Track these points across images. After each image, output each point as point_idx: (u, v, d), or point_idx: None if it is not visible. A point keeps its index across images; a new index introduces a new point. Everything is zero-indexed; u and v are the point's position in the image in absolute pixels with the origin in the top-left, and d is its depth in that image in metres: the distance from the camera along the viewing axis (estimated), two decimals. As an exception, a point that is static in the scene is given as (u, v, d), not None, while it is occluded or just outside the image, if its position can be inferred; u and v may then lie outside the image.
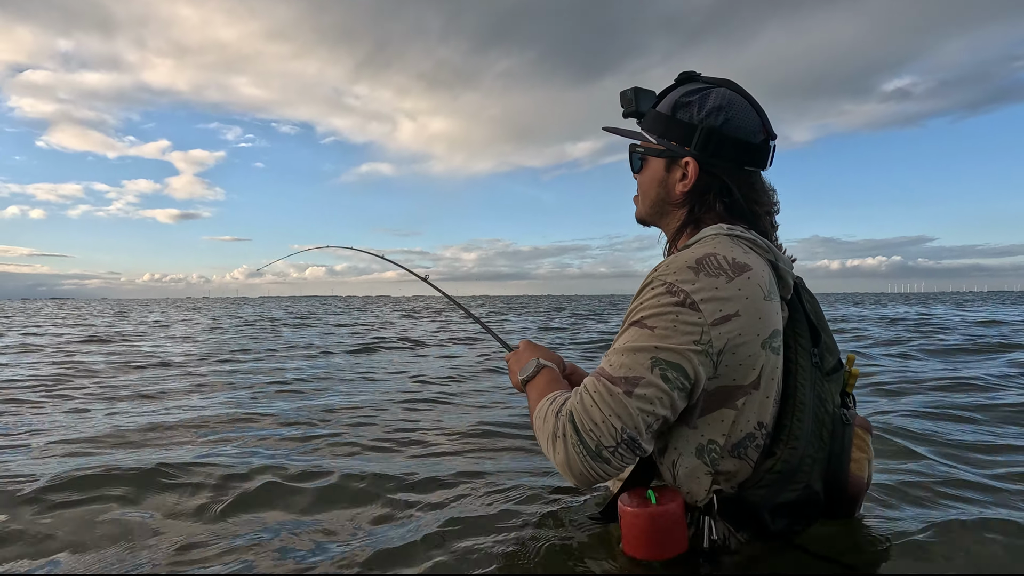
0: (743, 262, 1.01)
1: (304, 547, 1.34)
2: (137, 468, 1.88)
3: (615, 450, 0.94)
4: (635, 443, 0.94)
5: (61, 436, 2.46)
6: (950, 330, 8.12)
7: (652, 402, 0.94)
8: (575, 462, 0.96)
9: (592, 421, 0.95)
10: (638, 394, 0.94)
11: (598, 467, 0.95)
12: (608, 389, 0.95)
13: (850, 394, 1.18)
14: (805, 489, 1.01)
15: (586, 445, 0.94)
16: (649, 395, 0.94)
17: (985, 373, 3.93)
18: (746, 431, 1.02)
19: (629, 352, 0.97)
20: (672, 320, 0.96)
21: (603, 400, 0.95)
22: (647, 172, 1.19)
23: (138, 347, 7.09)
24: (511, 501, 1.56)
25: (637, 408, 0.94)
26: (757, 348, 0.99)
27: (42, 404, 3.31)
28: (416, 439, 2.41)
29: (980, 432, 2.35)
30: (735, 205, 1.11)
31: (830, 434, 1.06)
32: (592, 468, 0.95)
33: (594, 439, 0.94)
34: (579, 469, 0.96)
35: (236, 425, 2.69)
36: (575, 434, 0.96)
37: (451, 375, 4.49)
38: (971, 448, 2.09)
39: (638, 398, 0.94)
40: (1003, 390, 3.34)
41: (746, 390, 1.00)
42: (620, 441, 0.93)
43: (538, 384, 1.18)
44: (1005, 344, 5.89)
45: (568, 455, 0.96)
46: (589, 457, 0.95)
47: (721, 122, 1.08)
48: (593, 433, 0.94)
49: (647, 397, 0.94)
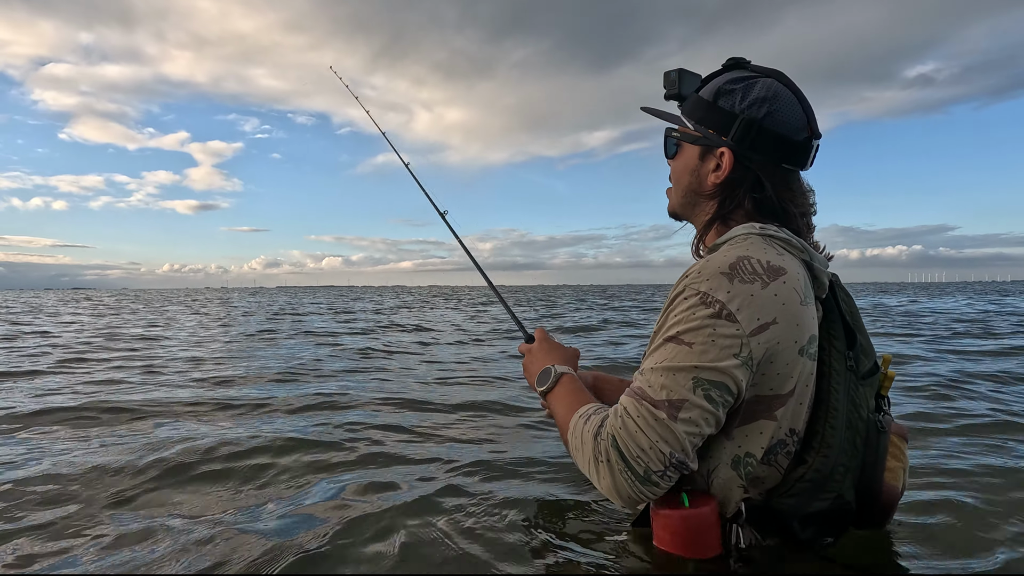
0: (778, 265, 0.97)
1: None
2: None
3: (663, 473, 0.93)
4: (683, 465, 0.93)
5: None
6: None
7: (698, 424, 0.93)
8: (623, 488, 0.94)
9: (639, 447, 0.93)
10: (683, 418, 0.92)
11: (647, 490, 0.94)
12: (652, 414, 0.93)
13: (885, 397, 1.15)
14: (836, 499, 0.98)
15: (634, 471, 0.93)
16: (694, 417, 0.92)
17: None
18: (778, 438, 0.99)
19: (668, 372, 0.94)
20: (710, 334, 0.93)
21: (648, 426, 0.93)
22: (681, 159, 1.15)
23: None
24: (538, 494, 1.54)
25: (684, 432, 0.92)
26: (795, 356, 0.97)
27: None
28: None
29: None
30: (766, 202, 1.06)
31: (864, 442, 1.02)
32: (640, 492, 0.94)
33: (642, 465, 0.93)
34: (627, 493, 0.95)
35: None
36: (621, 460, 0.94)
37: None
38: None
39: (683, 422, 0.92)
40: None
41: (783, 399, 0.98)
42: (669, 465, 0.92)
43: (560, 395, 1.16)
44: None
45: (615, 481, 0.95)
46: (638, 482, 0.93)
47: (763, 114, 1.04)
48: (641, 460, 0.93)
49: (693, 420, 0.92)
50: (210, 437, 2.23)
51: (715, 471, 1.01)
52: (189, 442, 2.16)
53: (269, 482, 1.80)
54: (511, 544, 1.25)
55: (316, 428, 2.46)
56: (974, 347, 5.29)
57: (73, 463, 1.94)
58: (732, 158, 1.06)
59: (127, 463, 1.93)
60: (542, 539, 1.28)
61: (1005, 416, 2.52)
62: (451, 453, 2.07)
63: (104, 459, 1.98)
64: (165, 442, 2.19)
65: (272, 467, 1.92)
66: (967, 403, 2.85)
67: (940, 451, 2.00)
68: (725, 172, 1.07)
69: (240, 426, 2.52)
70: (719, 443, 1.00)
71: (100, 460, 1.97)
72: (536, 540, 1.27)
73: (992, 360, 4.40)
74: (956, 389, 3.20)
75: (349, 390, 3.40)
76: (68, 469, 1.88)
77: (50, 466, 1.91)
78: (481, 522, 1.38)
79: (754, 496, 1.01)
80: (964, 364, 4.17)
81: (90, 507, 1.58)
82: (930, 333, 6.67)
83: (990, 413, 2.60)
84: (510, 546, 1.24)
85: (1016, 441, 2.14)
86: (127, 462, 1.94)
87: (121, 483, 1.77)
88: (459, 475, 1.79)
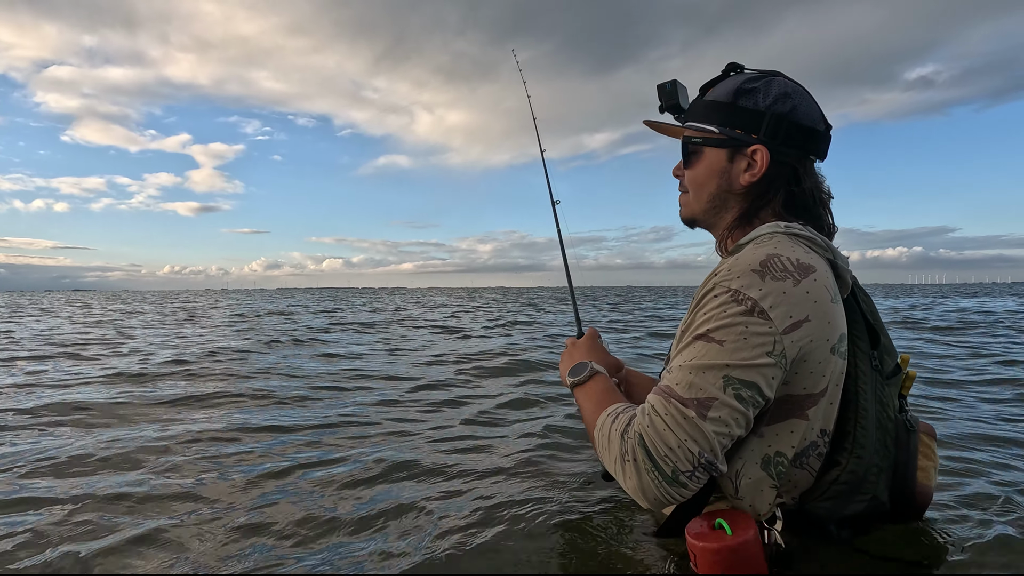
0: (807, 263, 0.96)
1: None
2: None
3: (692, 474, 0.90)
4: (712, 466, 0.90)
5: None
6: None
7: (727, 424, 0.90)
8: (650, 488, 0.92)
9: (667, 446, 0.90)
10: (712, 417, 0.89)
11: (674, 491, 0.91)
12: (681, 412, 0.90)
13: (905, 396, 1.13)
14: (872, 501, 0.96)
15: (661, 471, 0.90)
16: (724, 417, 0.90)
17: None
18: (810, 440, 0.97)
19: (698, 370, 0.92)
20: (741, 332, 0.90)
21: (677, 424, 0.90)
22: (702, 164, 1.12)
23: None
24: (561, 503, 1.51)
25: (713, 432, 0.89)
26: (827, 354, 0.95)
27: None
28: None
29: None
30: (802, 196, 1.06)
31: (895, 442, 1.01)
32: (668, 493, 0.91)
33: (670, 465, 0.90)
34: (654, 494, 0.92)
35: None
36: (648, 460, 0.91)
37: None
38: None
39: (713, 421, 0.89)
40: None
41: (815, 399, 0.96)
42: (697, 465, 0.89)
43: (591, 392, 1.13)
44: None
45: (642, 481, 0.92)
46: (665, 483, 0.90)
47: (789, 109, 1.04)
48: (669, 459, 0.90)
49: (722, 419, 0.90)
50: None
51: (743, 470, 0.98)
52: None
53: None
54: (518, 560, 1.21)
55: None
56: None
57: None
58: (767, 154, 1.05)
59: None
60: (556, 554, 1.23)
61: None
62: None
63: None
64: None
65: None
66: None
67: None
68: (762, 169, 1.06)
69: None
70: (749, 442, 0.98)
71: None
72: (553, 557, 1.22)
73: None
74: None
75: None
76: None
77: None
78: (492, 532, 1.35)
79: (787, 501, 0.99)
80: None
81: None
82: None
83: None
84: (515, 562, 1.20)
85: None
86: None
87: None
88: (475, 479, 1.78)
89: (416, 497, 1.59)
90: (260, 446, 2.19)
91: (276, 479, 1.78)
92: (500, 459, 1.95)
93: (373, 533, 1.37)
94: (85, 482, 1.76)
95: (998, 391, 3.21)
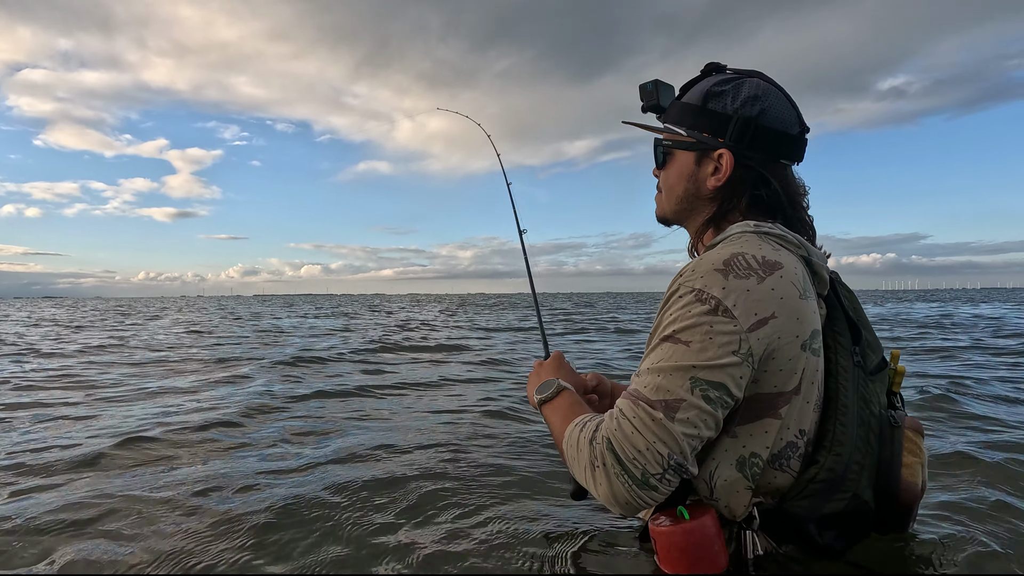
0: (774, 259, 0.96)
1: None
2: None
3: (662, 476, 0.90)
4: (682, 467, 0.90)
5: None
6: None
7: (696, 425, 0.90)
8: (620, 492, 0.91)
9: (635, 449, 0.90)
10: (680, 418, 0.89)
11: (645, 495, 0.91)
12: (649, 414, 0.90)
13: (897, 393, 1.13)
14: (853, 499, 0.95)
15: (631, 475, 0.90)
16: (692, 418, 0.90)
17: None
18: (787, 440, 0.97)
19: (665, 372, 0.92)
20: (706, 331, 0.91)
21: (645, 426, 0.90)
22: (673, 167, 1.15)
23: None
24: (537, 517, 1.48)
25: (682, 433, 0.89)
26: (797, 351, 0.95)
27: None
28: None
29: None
30: (772, 198, 1.06)
31: (878, 438, 1.00)
32: (639, 497, 0.91)
33: (639, 467, 0.89)
34: (625, 498, 0.92)
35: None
36: (617, 464, 0.91)
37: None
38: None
39: (681, 422, 0.89)
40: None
41: (787, 397, 0.95)
42: (667, 467, 0.89)
43: (558, 407, 1.13)
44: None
45: (612, 485, 0.91)
46: (635, 486, 0.90)
47: (757, 112, 1.05)
48: (638, 462, 0.89)
49: (690, 421, 0.90)
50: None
51: (717, 471, 0.98)
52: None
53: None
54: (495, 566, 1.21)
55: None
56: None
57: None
58: (732, 158, 1.06)
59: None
60: (535, 561, 1.23)
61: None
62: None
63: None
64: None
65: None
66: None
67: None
68: (726, 173, 1.07)
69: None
70: (722, 443, 0.98)
71: None
72: (529, 562, 1.22)
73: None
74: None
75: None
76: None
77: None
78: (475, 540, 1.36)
79: (767, 502, 0.98)
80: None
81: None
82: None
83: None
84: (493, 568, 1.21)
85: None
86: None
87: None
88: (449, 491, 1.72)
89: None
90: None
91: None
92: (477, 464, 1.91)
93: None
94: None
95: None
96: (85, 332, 10.15)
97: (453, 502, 1.60)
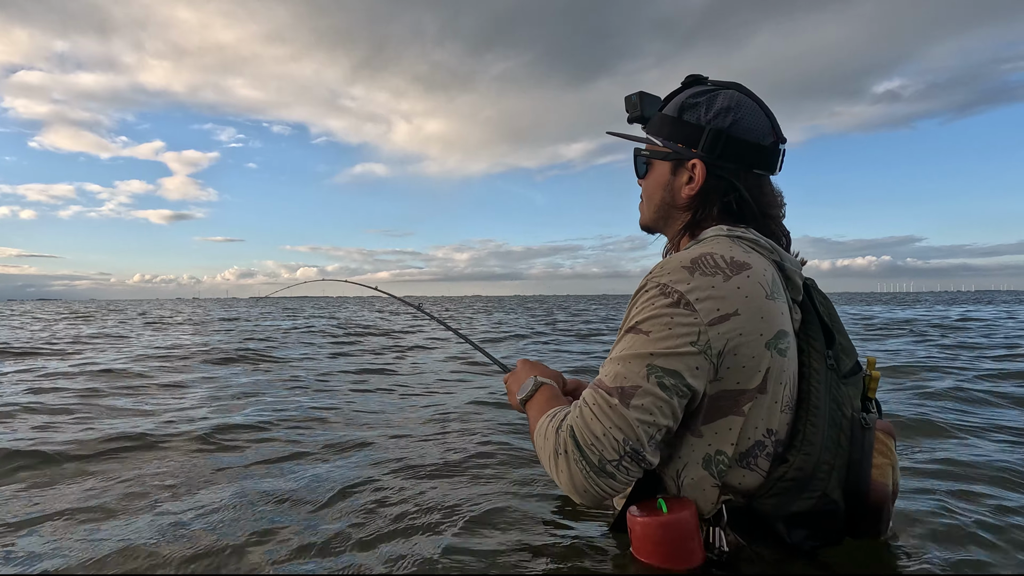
0: (742, 260, 0.98)
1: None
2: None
3: (619, 463, 0.91)
4: (639, 455, 0.91)
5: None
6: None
7: (651, 412, 0.91)
8: (579, 479, 0.93)
9: (593, 435, 0.92)
10: (635, 404, 0.91)
11: (603, 483, 0.92)
12: (606, 400, 0.93)
13: (872, 399, 1.14)
14: (821, 498, 0.96)
15: (589, 460, 0.91)
16: (647, 404, 0.91)
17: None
18: (754, 439, 0.98)
19: (624, 360, 0.95)
20: (667, 322, 0.93)
21: (602, 412, 0.92)
22: (652, 176, 1.18)
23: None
24: (515, 516, 1.47)
25: (637, 419, 0.91)
26: (761, 348, 0.96)
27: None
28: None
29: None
30: (743, 206, 1.08)
31: (848, 439, 1.02)
32: (596, 484, 0.92)
33: (596, 453, 0.91)
34: (583, 486, 0.93)
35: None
36: (576, 450, 0.93)
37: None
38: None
39: (636, 408, 0.91)
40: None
41: (751, 394, 0.97)
42: (623, 454, 0.90)
43: (538, 402, 1.15)
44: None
45: (571, 472, 0.93)
46: (593, 473, 0.92)
47: (729, 123, 1.07)
48: (595, 447, 0.91)
49: (645, 407, 0.91)
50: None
51: (684, 471, 1.00)
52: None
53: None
54: (468, 551, 1.23)
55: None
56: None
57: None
58: (704, 168, 1.08)
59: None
60: (508, 549, 1.24)
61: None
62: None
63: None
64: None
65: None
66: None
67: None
68: (699, 183, 1.09)
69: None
70: (687, 441, 1.00)
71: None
72: (502, 550, 1.24)
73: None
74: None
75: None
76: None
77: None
78: (428, 524, 1.36)
79: (736, 500, 1.00)
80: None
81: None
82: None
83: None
84: (467, 553, 1.22)
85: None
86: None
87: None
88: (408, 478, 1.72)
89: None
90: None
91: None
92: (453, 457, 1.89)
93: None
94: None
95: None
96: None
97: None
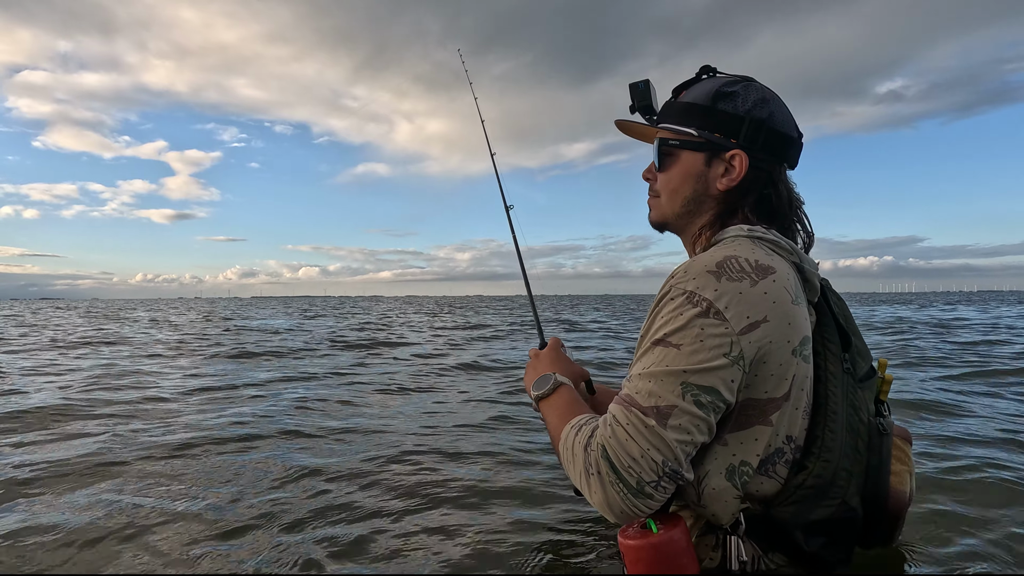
0: (767, 264, 0.95)
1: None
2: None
3: (657, 484, 0.88)
4: (677, 474, 0.88)
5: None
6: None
7: (689, 431, 0.88)
8: (615, 501, 0.89)
9: (630, 457, 0.88)
10: (673, 424, 0.88)
11: (641, 503, 0.89)
12: (642, 421, 0.89)
13: (884, 402, 1.11)
14: (841, 506, 0.93)
15: (626, 483, 0.88)
16: (684, 424, 0.88)
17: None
18: (775, 446, 0.95)
19: (656, 377, 0.90)
20: (697, 334, 0.89)
21: (639, 433, 0.88)
22: (678, 167, 1.11)
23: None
24: (517, 525, 1.49)
25: (675, 440, 0.88)
26: (788, 356, 0.93)
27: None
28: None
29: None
30: (777, 201, 1.06)
31: (866, 445, 0.99)
32: (635, 505, 0.89)
33: (634, 476, 0.88)
34: (620, 507, 0.89)
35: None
36: (612, 471, 0.89)
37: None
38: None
39: (674, 429, 0.88)
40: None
41: (778, 403, 0.94)
42: (662, 475, 0.88)
43: (555, 404, 1.12)
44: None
45: (607, 494, 0.89)
46: (631, 495, 0.88)
47: (767, 115, 1.04)
48: (633, 470, 0.88)
49: (682, 427, 0.88)
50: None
51: (707, 479, 0.96)
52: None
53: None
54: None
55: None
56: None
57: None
58: (746, 160, 1.04)
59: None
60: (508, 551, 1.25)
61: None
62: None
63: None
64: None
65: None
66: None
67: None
68: (740, 174, 1.04)
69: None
70: (711, 450, 0.96)
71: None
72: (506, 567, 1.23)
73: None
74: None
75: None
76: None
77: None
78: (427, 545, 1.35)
79: (754, 508, 0.97)
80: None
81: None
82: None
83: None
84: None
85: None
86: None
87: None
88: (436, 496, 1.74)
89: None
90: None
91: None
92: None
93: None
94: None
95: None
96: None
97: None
